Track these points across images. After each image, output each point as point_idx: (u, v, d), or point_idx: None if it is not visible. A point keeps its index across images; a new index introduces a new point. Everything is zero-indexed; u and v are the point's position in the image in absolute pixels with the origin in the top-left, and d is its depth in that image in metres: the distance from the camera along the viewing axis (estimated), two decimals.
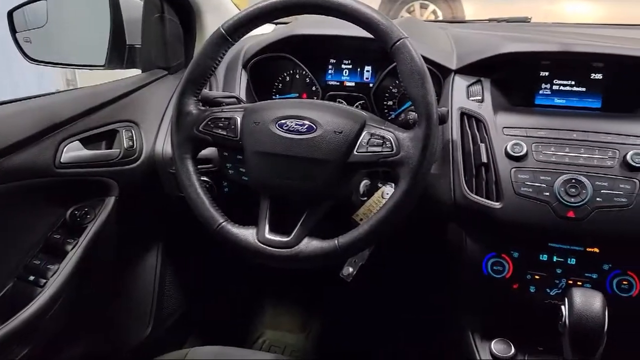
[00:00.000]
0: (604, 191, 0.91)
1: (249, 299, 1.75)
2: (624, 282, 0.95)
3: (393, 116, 1.20)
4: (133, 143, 1.17)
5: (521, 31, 1.40)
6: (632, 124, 0.98)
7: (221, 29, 0.94)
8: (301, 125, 0.92)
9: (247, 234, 0.93)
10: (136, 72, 1.31)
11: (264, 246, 0.92)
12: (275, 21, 1.47)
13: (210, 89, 1.23)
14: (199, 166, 1.01)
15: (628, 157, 0.92)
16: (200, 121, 0.96)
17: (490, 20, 1.56)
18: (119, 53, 1.25)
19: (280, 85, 1.27)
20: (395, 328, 1.58)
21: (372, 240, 0.92)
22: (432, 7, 4.50)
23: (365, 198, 1.04)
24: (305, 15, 0.93)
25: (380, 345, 1.57)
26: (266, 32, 1.34)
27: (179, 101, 0.97)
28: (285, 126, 0.92)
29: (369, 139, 0.90)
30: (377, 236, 0.90)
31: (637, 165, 0.91)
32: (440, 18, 4.38)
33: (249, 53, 1.22)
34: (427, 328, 1.45)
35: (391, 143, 0.88)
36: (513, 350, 0.97)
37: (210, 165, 1.12)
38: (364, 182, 1.03)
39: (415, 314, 1.50)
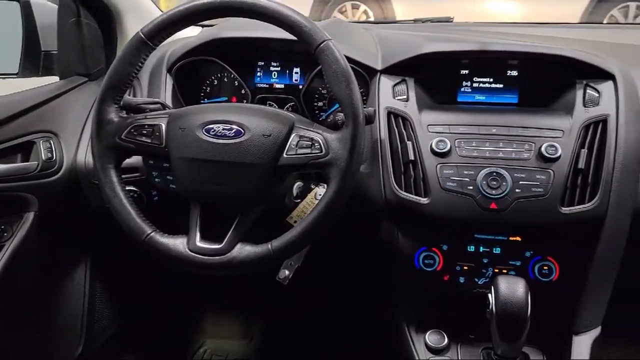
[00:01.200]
0: (522, 182, 0.96)
1: (187, 308, 1.71)
2: (545, 268, 1.00)
3: (324, 117, 1.21)
4: (52, 154, 1.11)
5: (444, 31, 1.45)
6: (546, 117, 1.04)
7: (140, 34, 0.91)
8: (229, 129, 0.91)
9: (177, 243, 0.91)
10: (55, 79, 1.24)
11: (195, 255, 0.90)
12: (202, 23, 1.45)
13: (134, 95, 1.19)
14: (124, 176, 0.97)
15: (542, 149, 0.97)
16: (123, 129, 0.93)
17: (415, 20, 1.60)
18: (34, 60, 1.19)
19: (209, 89, 1.25)
20: (335, 327, 1.60)
21: (306, 242, 0.92)
22: (363, 7, 4.58)
23: (299, 200, 1.04)
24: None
25: (321, 346, 1.58)
26: (192, 34, 1.32)
27: (98, 109, 0.93)
28: (213, 131, 0.91)
29: (298, 141, 0.90)
30: (310, 238, 0.91)
31: (551, 156, 0.96)
32: (372, 18, 4.47)
33: (173, 57, 1.19)
34: (365, 325, 1.47)
35: (320, 144, 0.89)
36: (446, 340, 1.01)
37: (136, 174, 1.08)
38: (297, 184, 1.04)
39: (353, 311, 1.52)
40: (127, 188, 0.94)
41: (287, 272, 1.05)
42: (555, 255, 1.00)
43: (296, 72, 1.22)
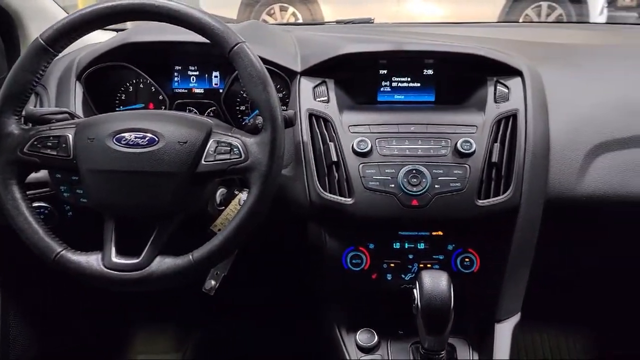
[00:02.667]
0: (441, 178, 0.99)
1: (115, 325, 1.63)
2: (466, 260, 1.03)
3: (246, 121, 1.19)
4: None
5: (364, 32, 1.47)
6: (461, 114, 1.07)
7: (40, 39, 0.86)
8: (141, 138, 0.87)
9: (91, 260, 0.86)
10: None
11: (111, 271, 0.85)
12: (117, 27, 1.39)
13: (41, 105, 1.11)
14: (30, 191, 0.91)
15: (458, 145, 1.00)
16: (25, 142, 0.87)
17: (337, 22, 1.61)
18: None
19: (124, 96, 1.20)
20: (268, 333, 1.58)
21: (229, 250, 0.90)
22: (291, 9, 4.59)
23: (223, 207, 1.02)
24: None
25: (256, 353, 1.56)
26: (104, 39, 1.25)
27: None
28: (124, 140, 0.87)
29: (216, 147, 0.88)
30: (233, 245, 0.89)
31: (466, 151, 0.99)
32: (300, 20, 4.49)
33: (82, 63, 1.13)
34: (297, 328, 1.46)
35: (239, 150, 0.87)
36: (376, 338, 1.01)
37: (45, 189, 1.01)
38: (220, 191, 1.01)
39: (284, 315, 1.51)
40: (35, 204, 0.89)
41: (213, 282, 1.03)
42: (475, 246, 1.03)
43: (215, 76, 1.19)
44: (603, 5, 4.50)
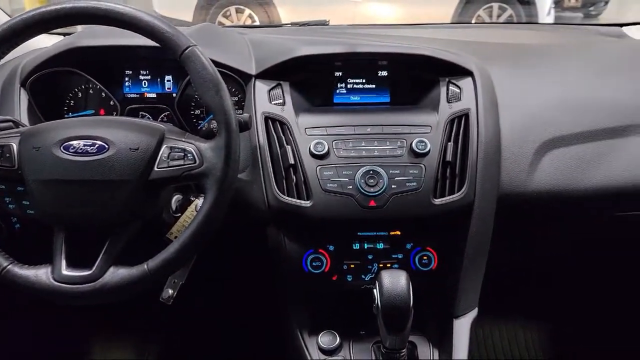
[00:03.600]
0: (397, 178, 1.00)
1: (71, 337, 1.57)
2: (425, 258, 1.05)
3: (202, 125, 1.17)
4: None
5: (319, 34, 1.47)
6: (415, 114, 1.09)
7: None
8: (90, 145, 0.84)
9: (40, 274, 0.83)
10: None
11: (62, 285, 0.82)
12: (63, 31, 1.35)
13: None
14: None
15: (413, 145, 1.02)
16: None
17: (292, 24, 1.61)
18: None
19: (73, 102, 1.16)
20: (230, 338, 1.56)
21: (186, 258, 0.88)
22: (248, 11, 4.56)
23: (179, 214, 1.00)
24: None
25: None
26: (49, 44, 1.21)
27: None
28: (72, 148, 0.84)
29: (169, 153, 0.86)
30: (190, 253, 0.87)
31: (421, 151, 1.01)
32: (257, 22, 4.46)
33: (26, 69, 1.08)
34: (259, 332, 1.45)
35: (193, 155, 0.86)
36: (338, 339, 1.01)
37: None
38: (176, 197, 0.99)
39: (247, 319, 1.50)
40: None
41: (170, 291, 1.00)
42: (433, 245, 1.05)
43: (168, 80, 1.17)
44: (550, 6, 4.68)
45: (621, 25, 1.51)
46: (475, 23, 4.21)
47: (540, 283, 1.52)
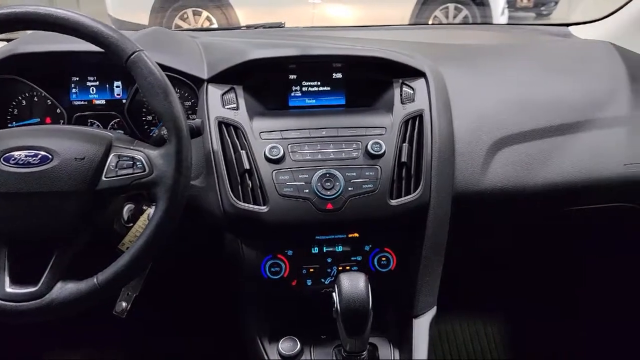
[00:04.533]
0: (354, 180, 1.00)
1: (24, 354, 1.51)
2: (383, 259, 1.05)
3: (154, 132, 1.14)
4: None
5: (274, 36, 1.46)
6: (370, 116, 1.09)
7: None
8: (33, 156, 0.81)
9: None
10: None
11: (6, 303, 0.79)
12: (3, 37, 1.29)
13: None
14: None
15: (369, 146, 1.02)
16: None
17: (247, 26, 1.59)
18: None
19: (16, 111, 1.11)
20: (190, 347, 1.53)
21: (138, 269, 0.86)
22: (205, 14, 4.50)
23: (131, 224, 0.97)
24: None
25: None
26: None
27: None
28: (13, 159, 0.80)
29: (118, 162, 0.84)
30: (142, 264, 0.85)
31: (377, 153, 1.01)
32: (215, 25, 4.41)
33: None
34: (219, 340, 1.43)
35: (142, 163, 0.84)
36: (299, 345, 1.01)
37: None
38: (128, 207, 0.97)
39: (206, 328, 1.47)
40: None
41: (124, 304, 0.97)
42: (391, 245, 1.05)
43: (117, 86, 1.13)
44: (504, 6, 4.81)
45: (567, 25, 1.56)
46: (431, 24, 4.28)
47: (496, 277, 1.55)
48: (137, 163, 0.84)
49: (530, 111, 1.14)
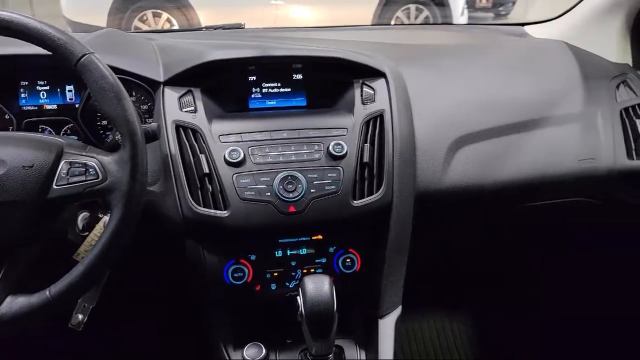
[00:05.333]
0: (316, 182, 0.99)
1: None
2: (348, 260, 1.04)
3: (109, 137, 1.11)
4: None
5: (234, 38, 1.44)
6: (332, 117, 1.08)
7: None
8: None
9: None
10: None
11: None
12: None
13: None
14: None
15: (330, 147, 1.01)
16: None
17: (206, 27, 1.57)
18: None
19: None
20: (153, 357, 1.49)
21: (93, 280, 0.83)
22: (165, 15, 4.43)
23: (87, 233, 0.94)
24: None
25: None
26: None
27: None
28: None
29: (69, 169, 0.81)
30: (97, 274, 0.82)
31: (338, 154, 1.01)
32: (176, 26, 4.34)
33: None
34: (183, 348, 1.40)
35: (95, 170, 0.81)
36: (264, 351, 0.99)
37: None
38: (82, 215, 0.93)
39: (169, 336, 1.44)
40: None
41: (80, 317, 0.94)
42: (355, 246, 1.05)
43: (70, 90, 1.09)
44: (463, 7, 4.90)
45: (523, 24, 1.60)
46: (393, 25, 4.33)
47: (460, 275, 1.57)
48: (90, 170, 0.81)
49: (489, 110, 1.16)
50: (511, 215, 1.23)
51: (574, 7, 1.45)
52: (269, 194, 0.97)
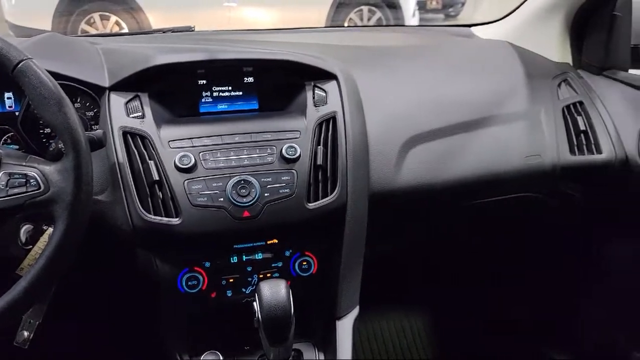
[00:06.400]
0: (270, 186, 0.98)
1: None
2: (304, 263, 1.04)
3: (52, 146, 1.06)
4: None
5: (184, 41, 1.41)
6: (284, 120, 1.08)
7: None
8: None
9: None
10: None
11: None
12: None
13: None
14: None
15: (283, 150, 1.01)
16: None
17: (154, 31, 1.53)
18: None
19: None
20: None
21: (38, 295, 0.79)
22: (114, 18, 4.30)
23: (30, 246, 0.89)
24: None
25: None
26: None
27: None
28: None
29: (8, 180, 0.77)
30: (41, 289, 0.78)
31: (291, 157, 1.00)
32: (126, 30, 4.23)
33: None
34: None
35: (37, 180, 0.78)
36: (221, 358, 0.97)
37: None
38: (25, 228, 0.89)
39: (123, 349, 1.40)
40: None
41: (26, 334, 0.89)
42: (312, 249, 1.05)
43: (9, 98, 1.04)
44: (415, 8, 5.00)
45: (470, 25, 1.64)
46: (346, 27, 4.36)
47: (415, 272, 1.60)
48: (31, 180, 0.78)
49: (438, 110, 1.18)
50: (462, 212, 1.26)
51: (517, 8, 1.50)
52: (221, 199, 0.96)
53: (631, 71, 1.34)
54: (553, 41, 1.43)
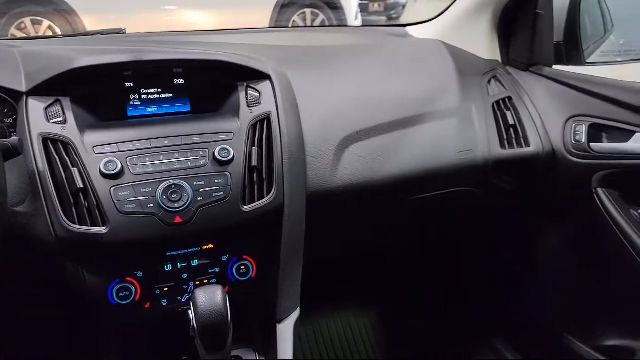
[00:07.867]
0: (203, 190, 0.95)
1: None
2: (242, 267, 1.02)
3: None
4: None
5: (115, 43, 1.36)
6: (217, 122, 1.05)
7: None
8: None
9: None
10: None
11: None
12: None
13: None
14: None
15: (216, 153, 0.98)
16: None
17: (82, 34, 1.47)
18: None
19: None
20: None
21: None
22: (47, 23, 4.11)
23: None
24: None
25: None
26: None
27: None
28: None
29: None
30: None
31: (225, 159, 0.98)
32: (60, 33, 4.05)
33: None
34: None
35: None
36: None
37: None
38: None
39: None
40: None
41: None
42: (249, 253, 1.03)
43: None
44: (357, 11, 5.06)
45: (404, 25, 1.67)
46: (283, 27, 4.36)
47: (360, 268, 1.60)
48: None
49: (374, 108, 1.19)
50: (402, 209, 1.27)
51: (448, 7, 1.54)
52: (151, 205, 0.92)
53: (555, 67, 1.40)
54: (482, 39, 1.47)
